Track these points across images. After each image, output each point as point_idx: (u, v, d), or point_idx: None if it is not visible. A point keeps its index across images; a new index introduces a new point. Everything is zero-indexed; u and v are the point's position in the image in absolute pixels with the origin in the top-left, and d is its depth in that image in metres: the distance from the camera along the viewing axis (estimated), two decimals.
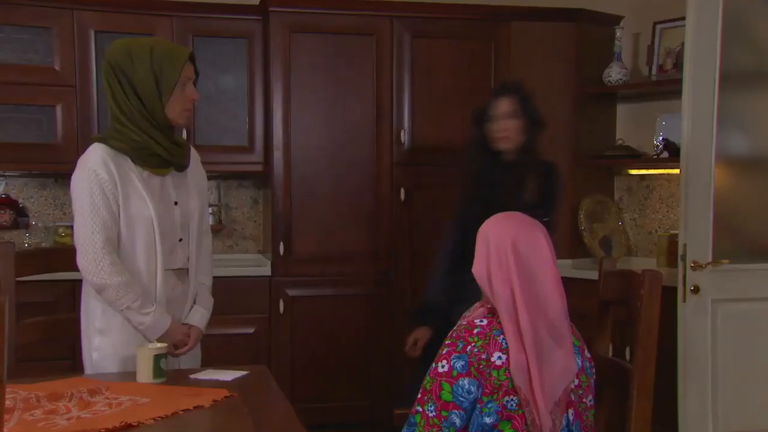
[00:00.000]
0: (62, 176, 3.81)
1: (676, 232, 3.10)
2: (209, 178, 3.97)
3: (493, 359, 1.66)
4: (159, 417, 1.62)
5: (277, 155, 3.58)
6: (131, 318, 2.11)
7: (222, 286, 3.56)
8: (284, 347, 3.57)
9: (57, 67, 3.48)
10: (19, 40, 3.45)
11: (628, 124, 4.02)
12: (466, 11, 3.74)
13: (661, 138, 3.66)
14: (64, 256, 2.35)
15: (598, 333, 2.06)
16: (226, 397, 1.80)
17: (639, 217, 3.99)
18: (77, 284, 2.43)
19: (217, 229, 4.00)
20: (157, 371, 1.93)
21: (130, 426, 1.56)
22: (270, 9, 3.54)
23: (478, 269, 1.75)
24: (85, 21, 3.51)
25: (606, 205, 4.00)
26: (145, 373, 1.93)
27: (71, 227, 3.75)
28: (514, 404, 1.66)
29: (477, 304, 1.82)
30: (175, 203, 2.21)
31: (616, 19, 3.90)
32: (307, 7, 3.59)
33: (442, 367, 1.68)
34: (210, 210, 3.95)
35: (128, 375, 2.02)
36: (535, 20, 3.82)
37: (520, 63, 3.79)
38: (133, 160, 2.13)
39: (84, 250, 2.08)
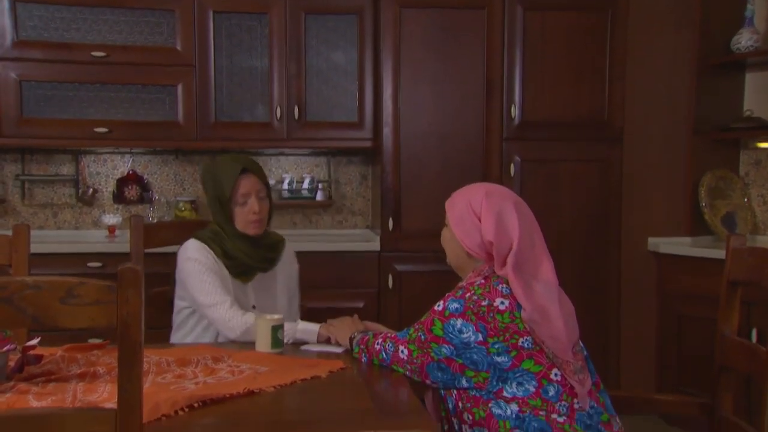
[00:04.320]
0: (182, 153, 3.98)
1: None
2: (319, 154, 4.08)
3: (495, 304, 1.70)
4: (278, 385, 1.67)
5: (387, 131, 3.60)
6: (290, 330, 2.13)
7: (332, 261, 3.67)
8: (393, 321, 3.61)
9: (179, 48, 3.63)
10: (147, 22, 3.61)
11: (758, 93, 3.77)
12: None
13: None
14: (186, 229, 2.45)
15: (725, 314, 1.96)
16: (341, 368, 1.83)
17: (767, 193, 3.75)
18: None
19: (327, 205, 4.08)
20: (275, 341, 2.00)
21: (251, 392, 1.61)
22: None
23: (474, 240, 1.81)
24: (205, 2, 3.62)
25: (730, 180, 3.79)
26: (263, 343, 2.00)
27: (190, 202, 3.94)
28: (530, 343, 1.68)
29: (471, 274, 1.83)
30: (253, 306, 2.31)
31: None
32: None
33: (438, 306, 1.77)
34: (320, 185, 4.04)
35: (246, 344, 2.09)
36: None
37: (638, 32, 3.64)
38: (227, 268, 2.26)
39: (217, 322, 2.18)
